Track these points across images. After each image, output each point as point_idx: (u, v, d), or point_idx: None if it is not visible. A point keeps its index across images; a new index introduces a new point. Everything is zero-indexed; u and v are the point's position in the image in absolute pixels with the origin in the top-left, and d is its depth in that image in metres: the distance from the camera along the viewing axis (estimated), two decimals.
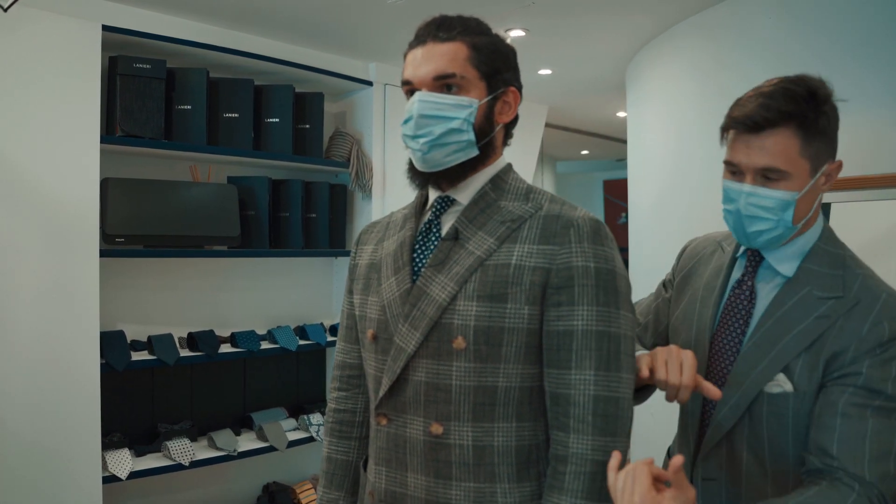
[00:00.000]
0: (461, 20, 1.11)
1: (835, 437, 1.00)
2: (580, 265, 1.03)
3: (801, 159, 1.07)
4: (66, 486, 2.24)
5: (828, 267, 1.11)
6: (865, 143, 2.01)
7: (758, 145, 1.08)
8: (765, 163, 1.07)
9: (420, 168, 1.12)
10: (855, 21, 2.04)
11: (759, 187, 1.09)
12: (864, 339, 1.02)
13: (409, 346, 1.06)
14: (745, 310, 1.17)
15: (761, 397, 1.11)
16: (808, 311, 1.08)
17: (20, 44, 2.16)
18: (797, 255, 1.14)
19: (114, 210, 2.41)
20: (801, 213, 1.11)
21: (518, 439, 1.05)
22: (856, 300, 1.06)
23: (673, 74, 2.82)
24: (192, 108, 2.61)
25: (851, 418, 0.99)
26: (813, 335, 1.06)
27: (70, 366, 2.26)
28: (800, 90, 1.07)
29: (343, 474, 1.25)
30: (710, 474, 1.18)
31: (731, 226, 1.16)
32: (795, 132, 1.06)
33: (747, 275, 1.19)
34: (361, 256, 1.24)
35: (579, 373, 1.01)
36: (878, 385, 1.00)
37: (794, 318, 1.09)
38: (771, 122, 1.06)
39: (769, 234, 1.11)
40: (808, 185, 1.08)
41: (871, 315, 1.04)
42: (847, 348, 1.03)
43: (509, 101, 1.13)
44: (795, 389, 1.08)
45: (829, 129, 1.09)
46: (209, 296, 2.90)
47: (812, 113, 1.06)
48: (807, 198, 1.10)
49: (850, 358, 1.03)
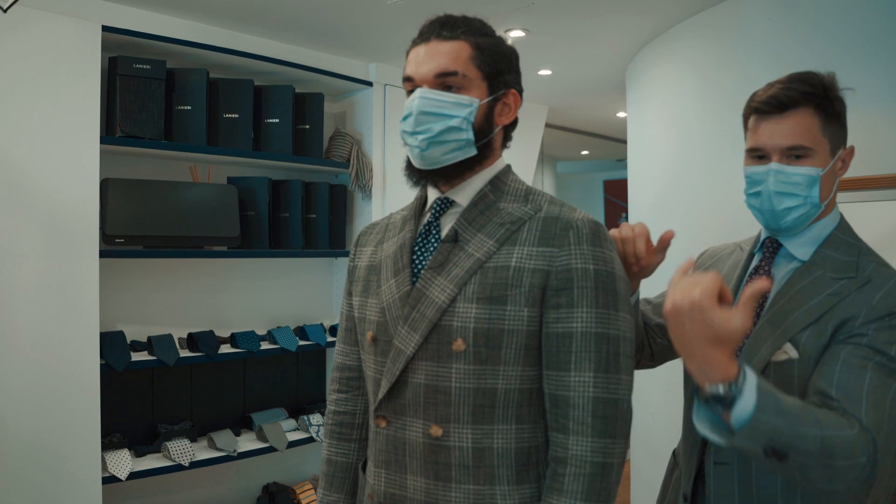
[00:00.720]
0: (465, 20, 1.11)
1: (833, 381, 1.00)
2: (579, 267, 1.03)
3: (822, 138, 1.13)
4: (66, 486, 2.24)
5: (843, 254, 1.14)
6: (866, 144, 2.01)
7: (782, 126, 1.13)
8: (791, 141, 1.13)
9: (418, 165, 1.12)
10: (855, 21, 2.04)
11: (786, 165, 1.14)
12: (875, 306, 1.04)
13: (408, 348, 1.06)
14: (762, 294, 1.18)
15: (769, 369, 1.12)
16: (820, 290, 1.11)
17: (20, 44, 2.16)
18: (814, 241, 1.17)
19: (113, 210, 2.41)
20: (825, 192, 1.15)
21: (517, 441, 1.05)
22: (868, 279, 1.09)
23: (673, 75, 2.82)
24: (191, 109, 2.61)
25: (851, 367, 1.00)
26: (823, 309, 1.09)
27: (70, 366, 2.26)
28: (812, 78, 1.15)
29: (343, 476, 1.25)
30: (721, 458, 1.18)
31: (757, 210, 1.19)
32: (815, 112, 1.13)
33: (765, 261, 1.22)
34: (360, 258, 1.24)
35: (578, 375, 1.01)
36: (882, 346, 1.01)
37: (806, 295, 1.12)
38: (794, 101, 1.12)
39: (797, 210, 1.14)
40: (829, 164, 1.14)
41: (882, 289, 1.06)
42: (857, 315, 1.05)
43: (510, 103, 1.13)
44: (801, 355, 1.09)
45: (842, 115, 1.16)
46: (209, 296, 2.90)
47: (827, 96, 1.13)
48: (829, 178, 1.15)
49: (858, 323, 1.04)
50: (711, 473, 1.19)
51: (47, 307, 2.22)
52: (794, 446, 0.90)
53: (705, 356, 0.88)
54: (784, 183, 1.14)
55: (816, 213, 1.15)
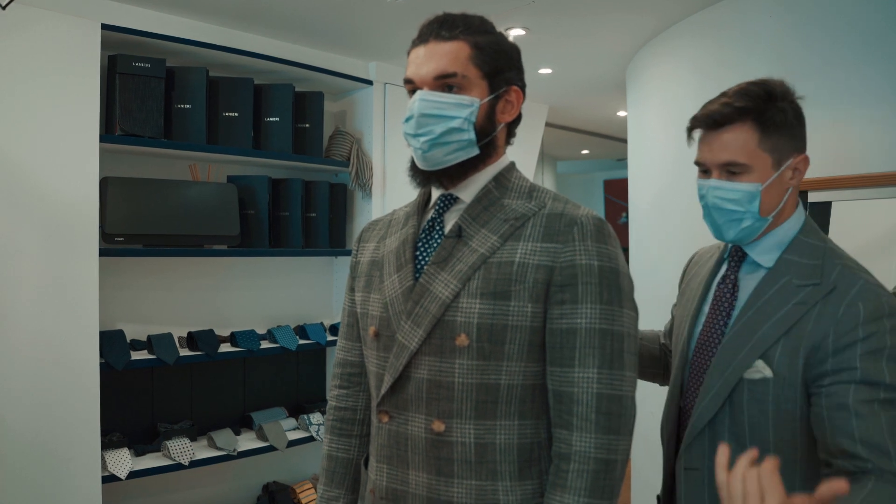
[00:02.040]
0: (464, 18, 1.10)
1: (856, 438, 0.99)
2: (584, 263, 1.03)
3: (760, 152, 1.13)
4: (66, 485, 2.23)
5: (808, 257, 1.14)
6: (866, 141, 2.01)
7: (718, 142, 1.15)
8: (726, 158, 1.14)
9: (421, 166, 1.11)
10: (855, 19, 2.04)
11: (724, 181, 1.16)
12: (840, 320, 1.04)
13: (411, 343, 1.06)
14: (728, 302, 1.21)
15: (742, 384, 1.13)
16: (786, 299, 1.11)
17: (19, 43, 2.16)
18: (777, 246, 1.18)
19: (113, 209, 2.41)
20: (770, 205, 1.16)
21: (520, 437, 1.05)
22: (833, 286, 1.09)
23: (673, 73, 2.82)
24: (191, 107, 2.60)
25: (865, 417, 0.99)
26: (791, 321, 1.09)
27: (69, 365, 2.26)
28: (756, 90, 1.15)
29: (344, 472, 1.25)
30: (692, 464, 1.21)
31: (707, 223, 1.22)
32: (753, 127, 1.13)
33: (730, 269, 1.24)
34: (363, 254, 1.24)
35: (582, 371, 1.01)
36: (875, 377, 1.00)
37: (773, 305, 1.12)
38: (728, 117, 1.14)
39: (738, 224, 1.16)
40: (771, 177, 1.14)
41: (846, 298, 1.06)
42: (826, 334, 1.05)
43: (511, 100, 1.13)
44: (775, 375, 1.10)
45: (788, 124, 1.14)
46: (209, 295, 2.89)
47: (768, 109, 1.13)
48: (772, 190, 1.15)
49: (832, 345, 1.04)
50: (682, 478, 1.22)
51: (47, 306, 2.22)
52: None
53: None
54: (721, 199, 1.15)
55: (762, 225, 1.16)
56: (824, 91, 2.10)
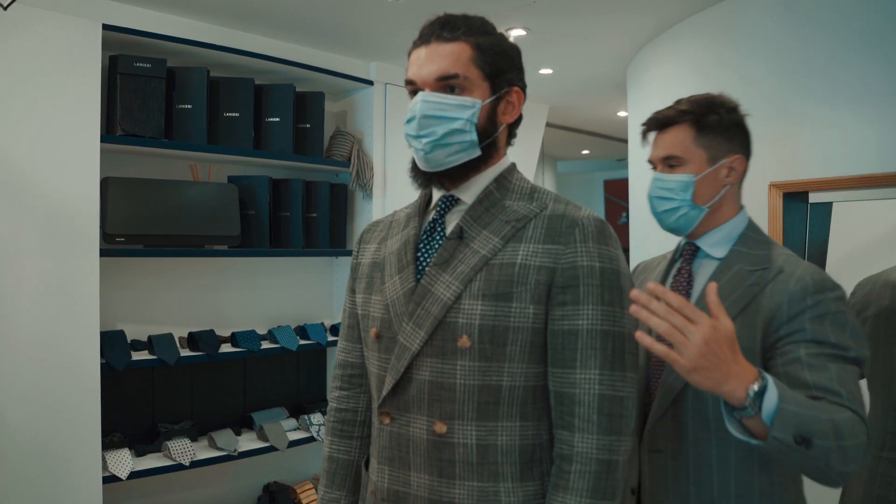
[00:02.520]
0: (465, 19, 1.10)
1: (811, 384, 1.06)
2: (585, 265, 1.03)
3: (696, 148, 1.28)
4: (66, 485, 2.23)
5: (756, 248, 1.27)
6: (868, 142, 2.01)
7: (661, 140, 1.32)
8: (665, 152, 1.30)
9: (422, 168, 1.11)
10: (856, 20, 2.04)
11: (664, 174, 1.31)
12: (792, 292, 1.16)
13: (413, 344, 1.06)
14: (685, 290, 1.31)
15: None
16: (740, 282, 1.22)
17: (20, 43, 2.16)
18: (726, 240, 1.29)
19: (114, 209, 2.41)
20: (704, 196, 1.28)
21: (522, 438, 1.05)
22: (780, 269, 1.21)
23: (674, 74, 2.82)
24: (192, 108, 2.60)
25: (816, 368, 1.08)
26: (745, 299, 1.19)
27: (70, 365, 2.26)
28: (700, 99, 1.31)
29: (344, 473, 1.25)
30: (656, 446, 1.25)
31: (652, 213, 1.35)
32: (690, 127, 1.28)
33: (685, 262, 1.34)
34: (364, 255, 1.24)
35: (584, 372, 1.02)
36: (821, 337, 1.11)
37: (727, 289, 1.21)
38: (671, 119, 1.30)
39: (675, 213, 1.29)
40: (705, 171, 1.28)
41: (794, 275, 1.18)
42: (781, 305, 1.16)
43: (513, 101, 1.13)
44: None
45: (723, 128, 1.28)
46: (209, 295, 2.89)
47: (706, 114, 1.28)
48: (707, 182, 1.28)
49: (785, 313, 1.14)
50: (647, 462, 1.27)
51: (47, 306, 2.22)
52: (815, 431, 0.94)
53: (738, 364, 0.94)
54: (661, 189, 1.30)
55: (698, 213, 1.28)
56: (824, 91, 2.10)
